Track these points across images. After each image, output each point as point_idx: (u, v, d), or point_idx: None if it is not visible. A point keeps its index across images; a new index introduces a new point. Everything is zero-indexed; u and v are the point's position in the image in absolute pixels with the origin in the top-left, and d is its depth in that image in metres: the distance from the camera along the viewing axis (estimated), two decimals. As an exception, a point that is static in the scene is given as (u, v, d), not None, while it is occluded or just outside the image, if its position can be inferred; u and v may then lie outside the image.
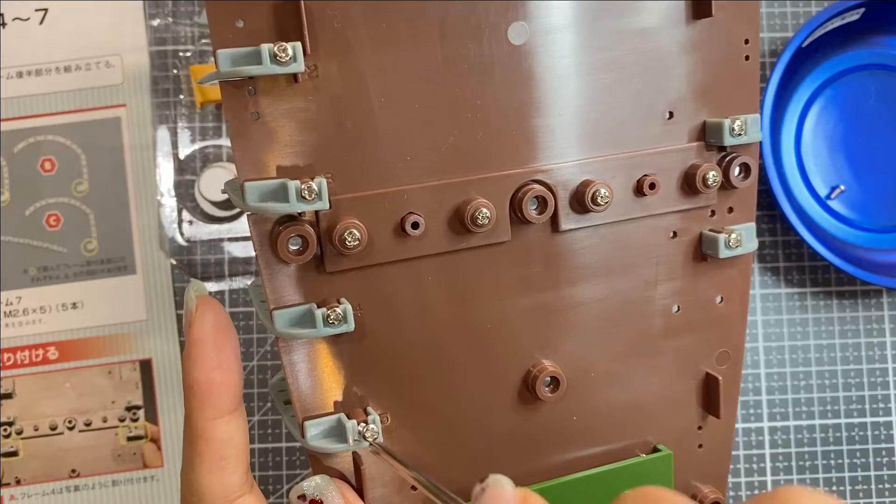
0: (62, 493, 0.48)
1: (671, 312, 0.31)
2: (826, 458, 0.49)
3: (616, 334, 0.30)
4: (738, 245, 0.30)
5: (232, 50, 0.24)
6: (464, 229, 0.27)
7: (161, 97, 0.48)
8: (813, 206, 0.50)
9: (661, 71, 0.29)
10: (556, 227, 0.29)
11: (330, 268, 0.26)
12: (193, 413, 0.26)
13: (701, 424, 0.32)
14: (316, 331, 0.26)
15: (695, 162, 0.30)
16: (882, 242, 0.51)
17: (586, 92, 0.28)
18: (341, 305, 0.26)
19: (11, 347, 0.48)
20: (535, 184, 0.28)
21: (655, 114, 0.29)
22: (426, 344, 0.28)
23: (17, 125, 0.48)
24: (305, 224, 0.26)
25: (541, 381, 0.29)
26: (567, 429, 0.30)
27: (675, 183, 0.30)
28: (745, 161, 0.30)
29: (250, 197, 0.25)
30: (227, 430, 0.26)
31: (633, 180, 0.29)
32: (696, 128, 0.30)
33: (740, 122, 0.29)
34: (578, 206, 0.28)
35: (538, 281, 0.29)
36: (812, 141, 0.51)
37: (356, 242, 0.26)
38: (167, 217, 0.48)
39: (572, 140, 0.28)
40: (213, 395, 0.26)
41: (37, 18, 0.48)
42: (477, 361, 0.29)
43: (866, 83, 0.51)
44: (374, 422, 0.27)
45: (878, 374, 0.50)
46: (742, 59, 0.30)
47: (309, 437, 0.27)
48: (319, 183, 0.25)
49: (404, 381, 0.28)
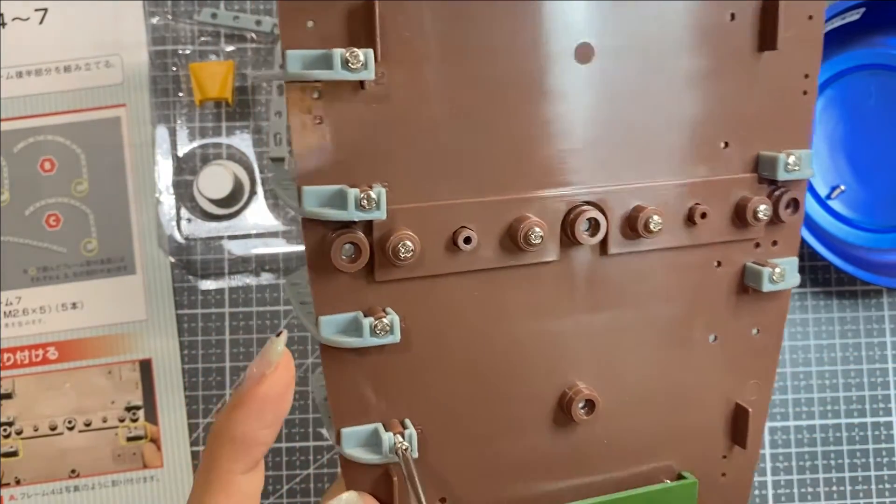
0: (62, 493, 0.48)
1: (708, 342, 0.31)
2: (826, 458, 0.49)
3: (652, 360, 0.30)
4: (781, 280, 0.30)
5: (302, 51, 0.24)
6: (515, 247, 0.27)
7: (160, 96, 0.48)
8: (813, 206, 0.50)
9: (720, 100, 0.29)
10: (604, 251, 0.28)
11: (380, 277, 0.26)
12: (223, 463, 0.25)
13: (726, 454, 0.32)
14: (362, 340, 0.26)
15: (746, 194, 0.29)
16: (882, 242, 0.51)
17: (646, 116, 0.28)
18: (388, 316, 0.26)
19: (11, 347, 0.48)
20: (588, 205, 0.28)
21: (711, 143, 0.29)
22: (467, 359, 0.28)
23: (16, 125, 0.48)
24: (359, 232, 0.25)
25: (576, 404, 0.29)
26: (597, 451, 0.30)
27: (726, 214, 0.30)
28: (795, 196, 0.30)
29: (308, 202, 0.25)
30: (250, 483, 0.25)
31: (685, 208, 0.29)
32: (749, 159, 0.30)
33: (795, 157, 0.29)
34: (630, 230, 0.28)
35: (581, 302, 0.29)
36: (812, 141, 0.51)
37: (410, 254, 0.25)
38: (166, 215, 0.48)
39: (628, 164, 0.28)
40: (250, 452, 0.25)
41: (37, 18, 0.48)
42: (515, 380, 0.29)
43: (866, 83, 0.51)
44: (410, 437, 0.27)
45: (879, 374, 0.50)
46: (800, 93, 0.30)
47: (344, 445, 0.27)
48: (378, 192, 0.25)
49: (442, 396, 0.28)
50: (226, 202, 0.47)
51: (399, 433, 0.27)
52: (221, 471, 0.25)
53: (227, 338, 0.48)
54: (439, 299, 0.27)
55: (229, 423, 0.25)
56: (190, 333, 0.48)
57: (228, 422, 0.25)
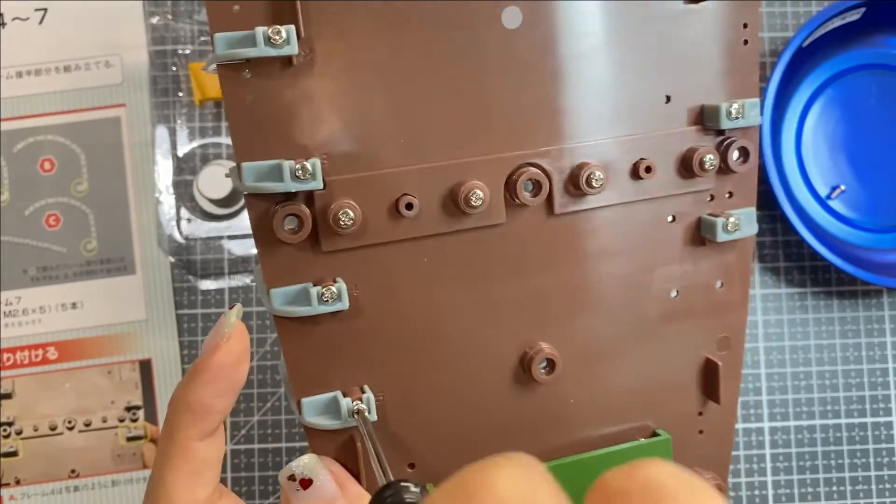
0: (62, 493, 0.48)
1: (670, 297, 0.31)
2: (826, 458, 0.49)
3: (613, 318, 0.30)
4: (736, 229, 0.30)
5: (228, 33, 0.25)
6: (458, 211, 0.27)
7: (160, 96, 0.48)
8: (813, 206, 0.50)
9: (658, 54, 0.29)
10: (551, 211, 0.29)
11: (326, 247, 0.27)
12: (180, 431, 0.26)
13: (701, 410, 0.32)
14: (311, 308, 0.26)
15: (692, 145, 0.29)
16: (882, 242, 0.51)
17: (581, 76, 0.28)
18: (336, 284, 0.27)
19: (11, 347, 0.48)
20: (529, 167, 0.28)
21: (652, 98, 0.29)
22: (423, 325, 0.28)
23: (16, 125, 0.48)
24: (301, 204, 0.26)
25: (536, 363, 0.29)
26: (565, 412, 0.30)
27: (673, 167, 0.30)
28: (744, 145, 0.30)
29: (247, 177, 0.26)
30: (208, 449, 0.26)
31: (630, 164, 0.29)
32: (694, 113, 0.30)
33: (738, 105, 0.29)
34: (574, 188, 0.28)
35: (535, 264, 0.29)
36: (812, 141, 0.51)
37: (350, 222, 0.26)
38: (165, 215, 0.48)
39: (567, 124, 0.28)
40: (206, 419, 0.26)
41: (36, 18, 0.48)
42: (474, 343, 0.29)
43: (866, 83, 0.51)
44: (368, 400, 0.27)
45: (879, 374, 0.50)
46: (741, 43, 0.30)
47: (305, 414, 0.28)
48: (313, 163, 0.25)
49: (401, 362, 0.28)
50: (226, 202, 0.47)
51: (358, 399, 0.27)
52: (179, 438, 0.26)
53: (226, 338, 0.48)
54: (388, 267, 0.28)
55: (185, 392, 0.26)
56: (190, 333, 0.48)
57: (184, 391, 0.26)
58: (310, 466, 0.27)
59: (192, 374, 0.26)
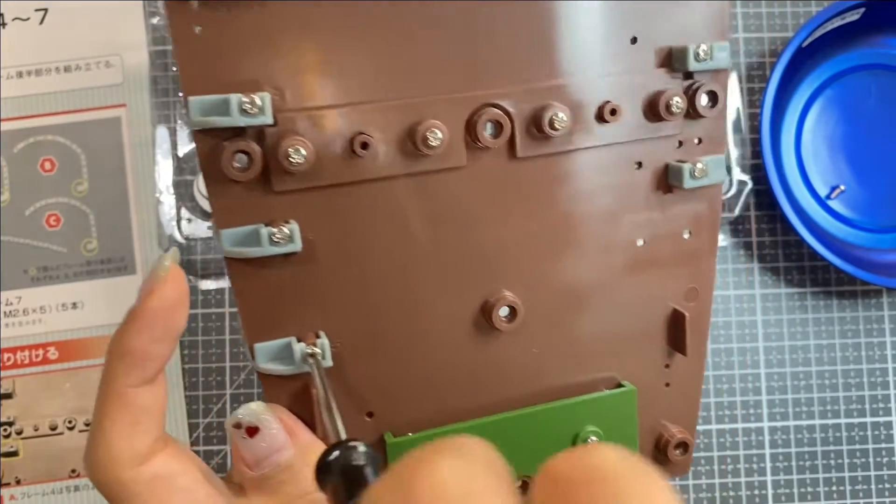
0: (62, 493, 0.48)
1: (636, 246, 0.30)
2: (826, 458, 0.49)
3: (578, 267, 0.29)
4: (703, 175, 0.29)
5: None
6: (417, 152, 0.26)
7: (160, 96, 0.48)
8: (813, 206, 0.50)
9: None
10: (513, 154, 0.28)
11: (277, 187, 0.26)
12: (116, 379, 0.25)
13: (668, 362, 0.31)
14: (261, 249, 0.25)
15: (659, 88, 0.29)
16: (882, 242, 0.51)
17: (547, 15, 0.27)
18: (289, 225, 0.26)
19: (11, 347, 0.48)
20: (491, 107, 0.27)
21: (618, 39, 0.28)
22: (380, 270, 0.27)
23: (16, 125, 0.48)
24: (251, 141, 0.25)
25: (497, 310, 0.28)
26: (528, 361, 0.30)
27: (640, 110, 0.29)
28: (712, 89, 0.29)
29: (194, 111, 0.25)
30: (146, 397, 0.25)
31: (595, 106, 0.28)
32: (662, 55, 0.29)
33: (706, 46, 0.28)
34: (537, 130, 0.28)
35: (497, 210, 0.28)
36: (812, 141, 0.51)
37: (301, 160, 0.25)
38: (166, 215, 0.48)
39: (530, 65, 0.27)
40: (143, 365, 0.25)
41: (37, 18, 0.48)
42: (434, 290, 0.28)
43: (866, 83, 0.51)
44: (323, 345, 0.26)
45: (878, 374, 0.50)
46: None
47: (258, 360, 0.27)
48: (263, 97, 0.24)
49: (358, 309, 0.28)
50: (226, 202, 0.47)
51: (312, 344, 0.26)
52: (115, 386, 0.25)
53: (227, 338, 0.48)
54: (344, 209, 0.27)
55: (121, 339, 0.25)
56: (190, 333, 0.48)
57: (119, 338, 0.25)
58: (256, 413, 0.26)
59: (127, 320, 0.25)
